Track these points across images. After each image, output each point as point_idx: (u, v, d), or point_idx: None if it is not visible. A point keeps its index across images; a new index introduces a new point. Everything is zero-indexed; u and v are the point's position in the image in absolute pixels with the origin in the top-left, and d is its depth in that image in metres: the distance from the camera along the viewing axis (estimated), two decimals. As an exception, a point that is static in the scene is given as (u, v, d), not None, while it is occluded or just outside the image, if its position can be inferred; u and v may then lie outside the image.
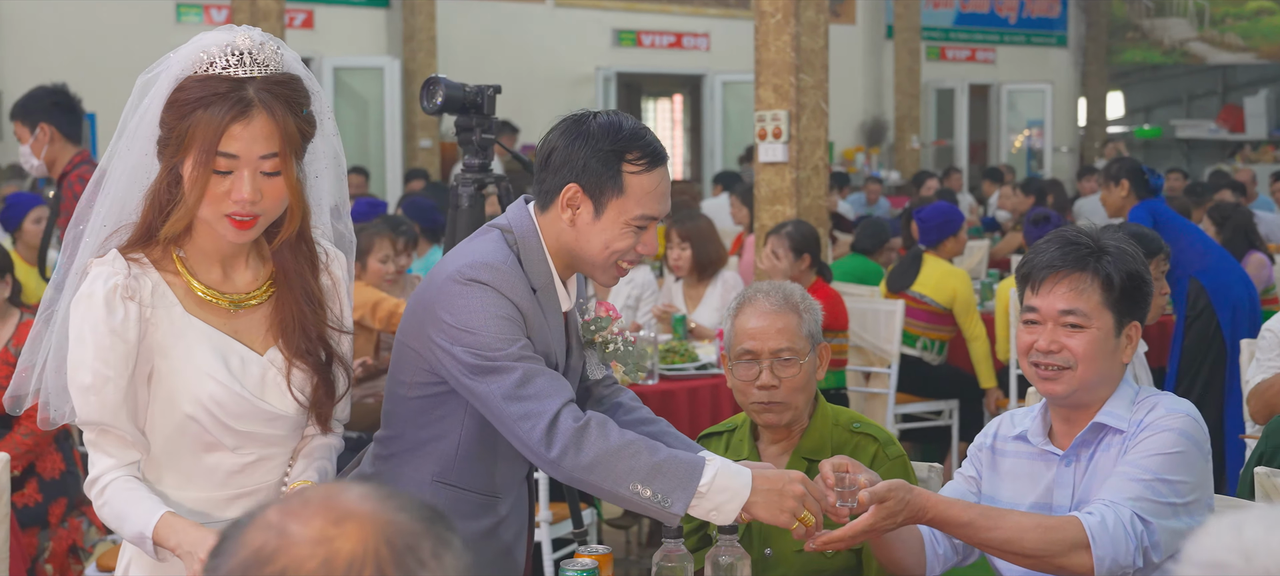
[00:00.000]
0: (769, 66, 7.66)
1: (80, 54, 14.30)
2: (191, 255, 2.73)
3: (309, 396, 2.79)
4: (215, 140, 2.59)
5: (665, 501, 2.71)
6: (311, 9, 16.09)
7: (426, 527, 1.39)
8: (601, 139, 2.86)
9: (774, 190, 7.68)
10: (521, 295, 2.85)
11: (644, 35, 18.61)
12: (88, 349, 2.62)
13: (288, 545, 1.34)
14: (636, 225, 2.87)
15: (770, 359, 3.31)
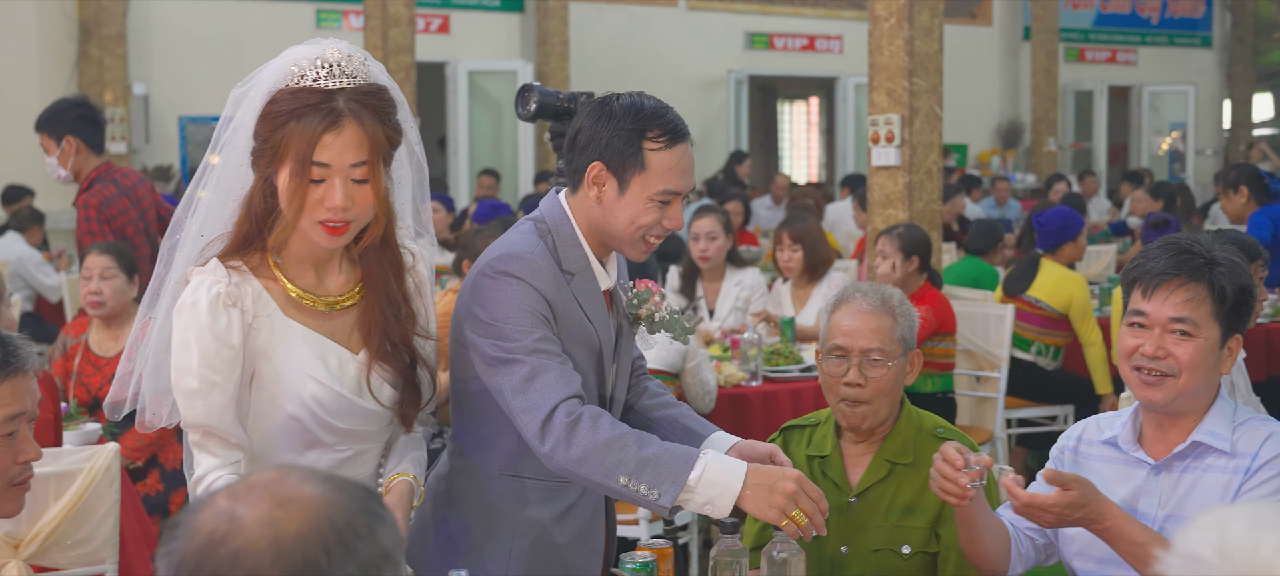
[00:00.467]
0: (882, 71, 7.69)
1: (222, 58, 14.70)
2: (287, 261, 2.85)
3: (393, 398, 2.91)
4: (309, 150, 2.70)
5: (654, 494, 2.75)
6: (447, 14, 16.38)
7: (362, 506, 1.53)
8: (624, 118, 2.94)
9: (886, 194, 7.71)
10: (550, 284, 2.93)
11: (777, 38, 18.63)
12: (193, 355, 2.74)
13: (238, 528, 1.48)
14: (660, 200, 2.94)
15: (860, 357, 3.34)
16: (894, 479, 3.37)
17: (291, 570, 1.47)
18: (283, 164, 2.73)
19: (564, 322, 2.96)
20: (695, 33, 17.87)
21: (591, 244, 3.03)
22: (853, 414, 3.38)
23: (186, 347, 2.75)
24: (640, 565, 2.91)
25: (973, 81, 19.56)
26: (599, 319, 3.04)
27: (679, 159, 2.95)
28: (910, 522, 3.33)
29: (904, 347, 3.40)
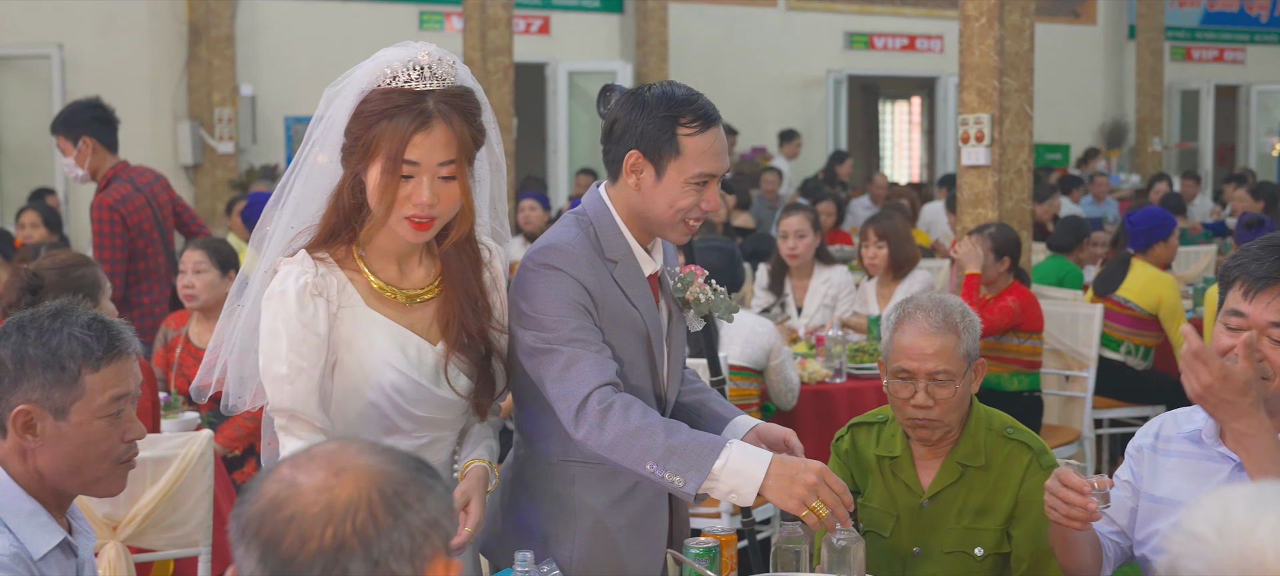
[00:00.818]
0: (972, 70, 7.69)
1: (326, 59, 14.94)
2: (371, 254, 2.97)
3: (469, 387, 3.03)
4: (400, 148, 2.82)
5: (679, 481, 2.83)
6: (547, 15, 16.55)
7: (412, 476, 1.65)
8: (657, 106, 3.02)
9: (976, 193, 7.71)
10: (589, 273, 3.01)
11: (877, 37, 18.60)
12: (282, 342, 2.87)
13: (296, 494, 1.62)
14: (696, 182, 3.01)
15: (926, 380, 3.32)
16: (966, 481, 3.37)
17: (341, 534, 1.59)
18: (373, 161, 2.85)
19: (607, 309, 3.04)
20: (794, 33, 17.89)
21: (633, 231, 3.11)
22: (922, 431, 3.39)
23: (275, 335, 2.87)
24: (703, 550, 2.99)
25: (1076, 81, 19.39)
26: (644, 303, 3.11)
27: (712, 142, 3.02)
28: (983, 524, 3.34)
29: (969, 361, 3.38)
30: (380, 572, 1.60)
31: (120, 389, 2.56)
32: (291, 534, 1.60)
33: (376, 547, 1.60)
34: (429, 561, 1.65)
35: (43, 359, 2.50)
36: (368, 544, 1.60)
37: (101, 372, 2.53)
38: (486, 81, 12.01)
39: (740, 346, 5.78)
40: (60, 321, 2.54)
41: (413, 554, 1.62)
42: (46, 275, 4.15)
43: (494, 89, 12.10)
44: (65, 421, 2.52)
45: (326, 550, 1.59)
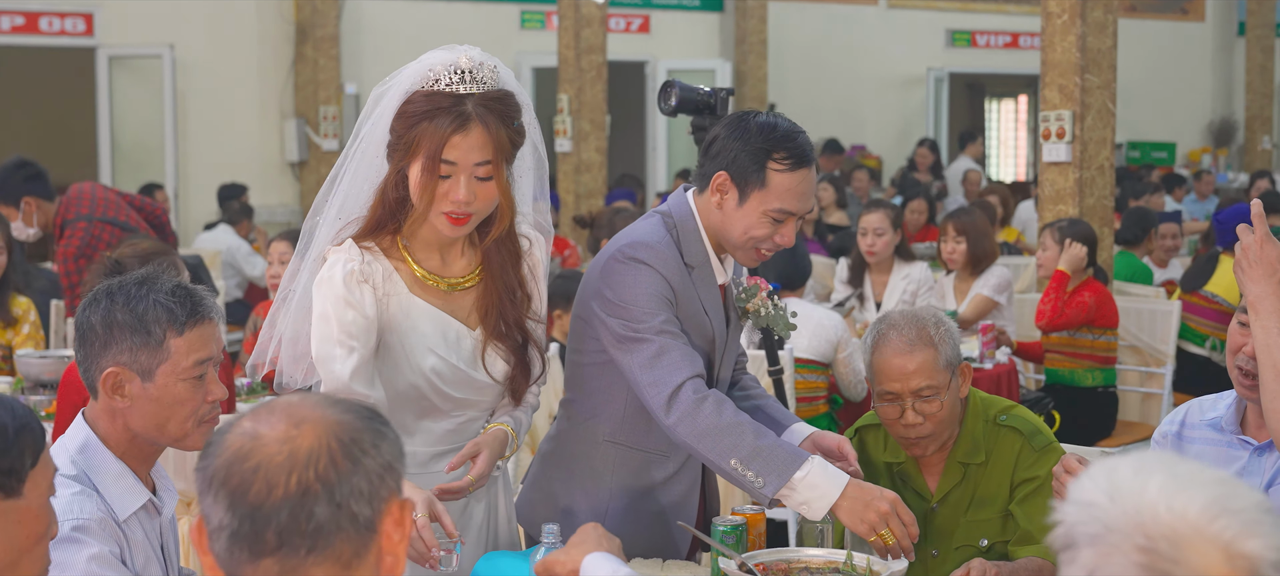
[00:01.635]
0: (1054, 67, 7.70)
1: (431, 59, 15.24)
2: (414, 244, 3.12)
3: (506, 373, 3.16)
4: (438, 148, 2.97)
5: (759, 482, 2.95)
6: (647, 13, 16.68)
7: (366, 424, 1.80)
8: (756, 136, 3.16)
9: (1057, 190, 7.72)
10: (674, 272, 3.16)
11: (979, 35, 18.50)
12: (332, 325, 3.01)
13: (259, 445, 1.76)
14: (774, 217, 3.15)
15: (912, 398, 3.29)
16: (969, 479, 3.37)
17: (305, 480, 1.73)
18: (415, 159, 3.00)
19: (684, 311, 3.18)
20: (895, 30, 17.85)
21: (711, 242, 3.26)
22: (916, 449, 3.38)
23: (326, 318, 3.02)
24: (730, 528, 3.09)
25: (1184, 79, 19.14)
26: (715, 311, 3.26)
27: (798, 182, 3.15)
28: (983, 515, 3.35)
29: (952, 370, 3.33)
30: (343, 514, 1.74)
31: (203, 353, 2.73)
32: (258, 481, 1.73)
33: (339, 491, 1.74)
34: (386, 502, 1.78)
35: (130, 323, 2.68)
36: (330, 488, 1.73)
37: (185, 336, 2.70)
38: (580, 79, 12.16)
39: (808, 339, 5.86)
40: (146, 288, 2.72)
41: (371, 495, 1.76)
42: (128, 262, 4.35)
43: (588, 87, 12.23)
44: (151, 383, 2.68)
45: (293, 495, 1.73)
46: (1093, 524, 1.57)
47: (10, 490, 2.11)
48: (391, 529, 1.80)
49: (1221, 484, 1.57)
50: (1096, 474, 1.61)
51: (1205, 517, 1.53)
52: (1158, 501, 1.54)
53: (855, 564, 2.80)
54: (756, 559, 2.84)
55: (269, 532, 1.73)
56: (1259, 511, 1.55)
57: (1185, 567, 1.51)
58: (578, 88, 12.14)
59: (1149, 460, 1.61)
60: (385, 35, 15.03)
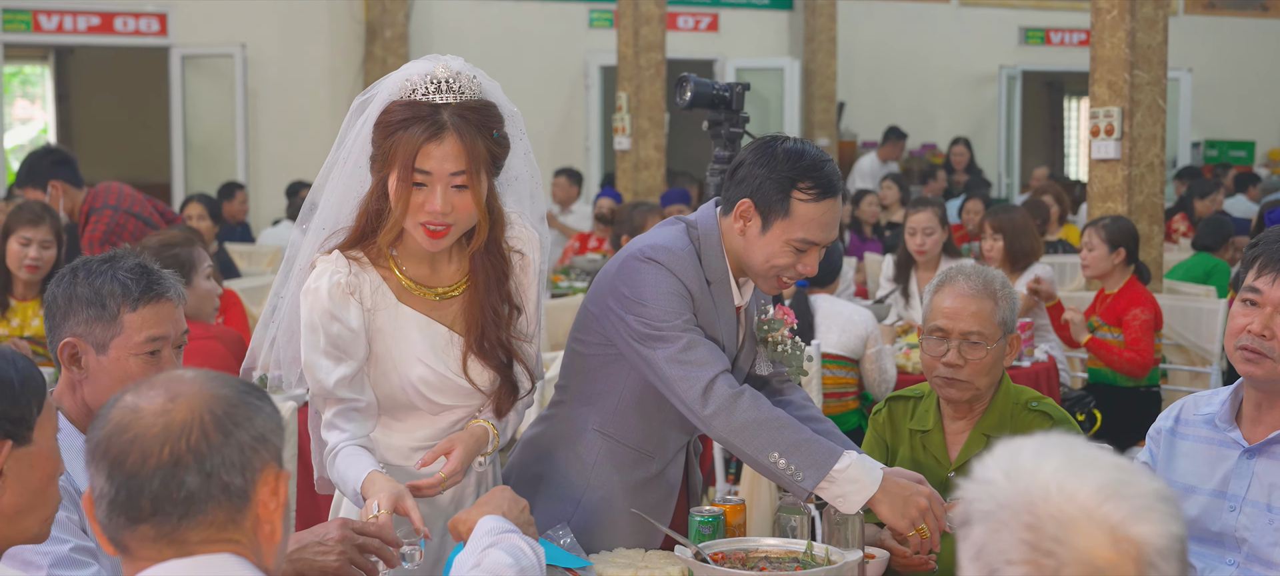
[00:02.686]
0: (1103, 63, 7.63)
1: (499, 57, 15.34)
2: (402, 253, 3.12)
3: (490, 385, 3.15)
4: (412, 158, 2.96)
5: (798, 476, 2.97)
6: (716, 12, 16.68)
7: (240, 398, 1.91)
8: (782, 164, 3.15)
9: (1106, 187, 7.65)
10: (692, 280, 3.17)
11: (1053, 32, 18.31)
12: (319, 335, 3.03)
13: (137, 418, 1.87)
14: (796, 247, 3.15)
15: (959, 339, 3.43)
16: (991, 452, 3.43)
17: (177, 451, 1.85)
18: (391, 169, 2.99)
19: (701, 318, 3.19)
20: (967, 28, 17.72)
21: (731, 263, 3.26)
22: (949, 391, 3.48)
23: (314, 328, 3.04)
24: (707, 518, 3.11)
25: (1263, 76, 18.83)
26: (727, 329, 3.26)
27: (823, 213, 3.14)
28: None
29: (1004, 330, 3.47)
30: (213, 483, 1.85)
31: (157, 330, 2.84)
32: (134, 452, 1.85)
33: (209, 461, 1.85)
34: (259, 472, 1.89)
35: (88, 297, 2.81)
36: (201, 458, 1.85)
37: (139, 312, 2.82)
38: (639, 77, 12.18)
39: (837, 334, 5.85)
40: (108, 265, 2.85)
41: (243, 466, 1.87)
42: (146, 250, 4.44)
43: (646, 84, 12.25)
44: (105, 356, 2.81)
45: (165, 465, 1.84)
46: (987, 501, 1.58)
47: (22, 438, 2.21)
48: (267, 497, 1.90)
49: (1119, 470, 1.57)
50: (1000, 454, 1.61)
51: (1094, 500, 1.53)
52: (1050, 482, 1.55)
53: (815, 553, 2.80)
54: (713, 548, 2.85)
55: (144, 500, 1.85)
56: (1153, 498, 1.55)
57: (1070, 548, 1.51)
58: (636, 85, 12.16)
59: (1052, 443, 1.61)
60: (454, 34, 15.15)
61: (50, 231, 5.86)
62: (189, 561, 1.86)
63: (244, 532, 1.89)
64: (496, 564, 2.38)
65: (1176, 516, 1.55)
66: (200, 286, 4.74)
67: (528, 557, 2.44)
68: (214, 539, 1.87)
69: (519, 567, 2.39)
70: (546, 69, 15.71)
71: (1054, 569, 1.51)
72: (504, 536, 2.49)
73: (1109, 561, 1.51)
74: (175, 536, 1.86)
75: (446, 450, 3.03)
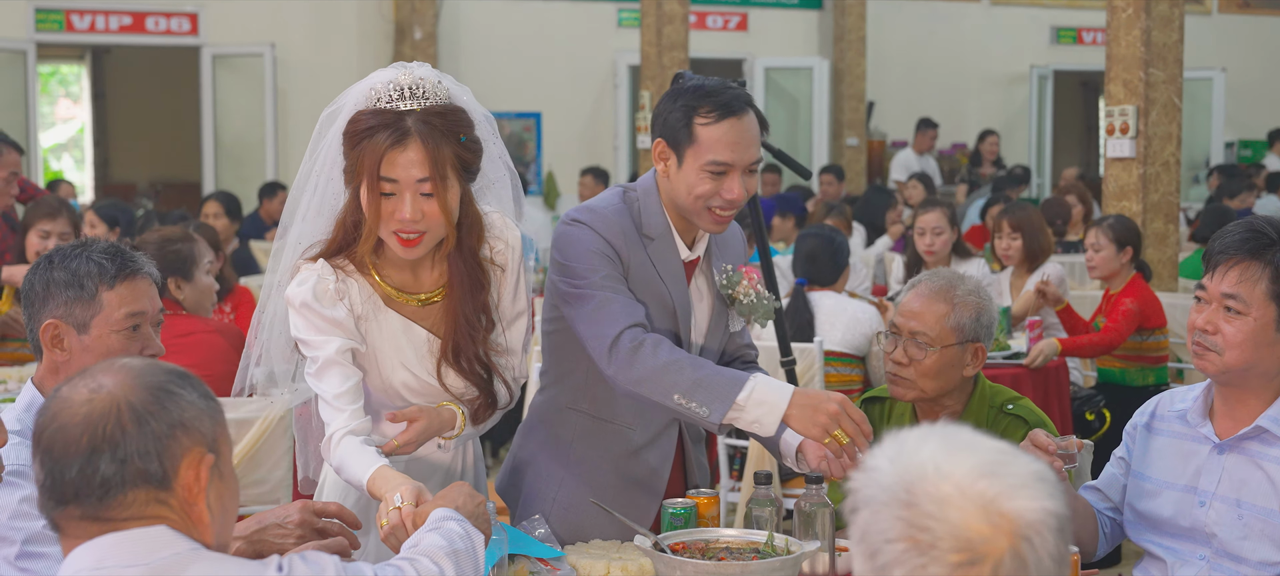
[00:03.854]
0: (1119, 61, 7.61)
1: (527, 58, 15.43)
2: (383, 261, 3.13)
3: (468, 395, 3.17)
4: (377, 165, 2.96)
5: (705, 411, 2.97)
6: (746, 11, 16.70)
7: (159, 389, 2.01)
8: (682, 98, 3.19)
9: (1121, 186, 7.63)
10: (618, 235, 3.18)
11: (1086, 32, 18.23)
12: (309, 318, 3.05)
13: (64, 408, 2.00)
14: (710, 171, 3.13)
15: (907, 338, 3.45)
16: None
17: (94, 440, 1.97)
18: (361, 178, 2.99)
19: (636, 278, 3.21)
20: (998, 27, 17.68)
21: (673, 218, 3.27)
22: (895, 388, 3.50)
23: (298, 328, 3.07)
24: (680, 509, 3.12)
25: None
26: (675, 283, 3.26)
27: (727, 131, 3.13)
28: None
29: (959, 336, 3.43)
30: (128, 469, 1.97)
31: (135, 306, 2.95)
32: (59, 440, 1.98)
33: (122, 448, 1.96)
34: (181, 457, 2.00)
35: (65, 279, 2.92)
36: (114, 446, 1.96)
37: (117, 290, 2.93)
38: (662, 76, 12.21)
39: (842, 332, 5.86)
40: (81, 249, 2.97)
41: (160, 453, 1.98)
42: (147, 246, 4.52)
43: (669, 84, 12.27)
44: (87, 335, 2.92)
45: (83, 452, 1.97)
46: (871, 487, 1.63)
47: None
48: (190, 481, 2.01)
49: (998, 453, 1.62)
50: (888, 443, 1.66)
51: (969, 478, 1.57)
52: (927, 463, 1.60)
53: (775, 544, 2.82)
54: (672, 538, 2.87)
55: (66, 485, 1.98)
56: (1029, 477, 1.59)
57: (944, 524, 1.56)
58: (659, 85, 12.19)
59: (935, 430, 1.66)
60: (483, 34, 15.22)
61: (68, 223, 5.96)
62: (118, 535, 1.97)
63: (173, 509, 2.00)
64: (430, 545, 2.43)
65: (1053, 495, 1.58)
66: (200, 281, 4.80)
67: (463, 542, 2.48)
68: (140, 515, 1.98)
69: (451, 549, 2.43)
70: (575, 68, 15.76)
71: (929, 543, 1.56)
72: (443, 522, 2.53)
73: (982, 535, 1.55)
74: (99, 515, 1.97)
75: (410, 418, 3.04)
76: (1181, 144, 7.70)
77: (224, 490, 2.07)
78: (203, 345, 4.60)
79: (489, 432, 3.41)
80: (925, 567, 1.56)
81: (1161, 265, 7.62)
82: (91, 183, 17.63)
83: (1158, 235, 7.66)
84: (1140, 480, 3.22)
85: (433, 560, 2.39)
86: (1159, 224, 7.60)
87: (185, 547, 1.99)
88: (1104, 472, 3.35)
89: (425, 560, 2.38)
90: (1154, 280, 7.31)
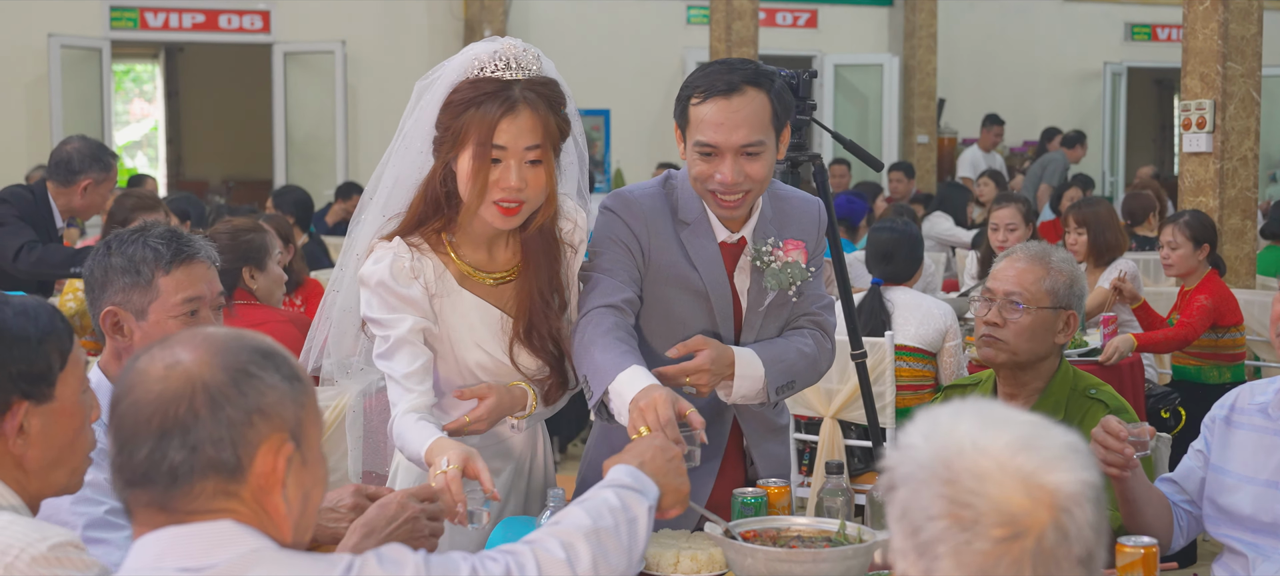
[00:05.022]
0: (1195, 54, 7.51)
1: (597, 53, 15.43)
2: (460, 239, 3.13)
3: (540, 374, 3.18)
4: (489, 133, 2.97)
5: (589, 395, 2.99)
6: (815, 8, 16.63)
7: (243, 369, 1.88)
8: (686, 83, 3.17)
9: (1197, 181, 7.53)
10: (643, 223, 3.19)
11: (1160, 28, 18.03)
12: (382, 298, 3.05)
13: (140, 381, 1.88)
14: (700, 152, 3.11)
15: (1002, 299, 3.48)
16: None
17: (165, 422, 1.84)
18: (463, 148, 2.99)
19: (661, 262, 3.20)
20: (1071, 24, 17.51)
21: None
22: (987, 351, 3.51)
23: (373, 297, 3.07)
24: (751, 499, 3.10)
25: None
26: (708, 267, 3.23)
27: (713, 112, 3.07)
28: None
29: (1053, 300, 3.46)
30: (198, 457, 1.83)
31: (191, 291, 2.94)
32: (130, 418, 1.86)
33: (193, 435, 1.83)
34: (257, 445, 1.86)
35: (123, 266, 2.91)
36: (185, 431, 1.84)
37: (173, 275, 2.92)
38: (731, 73, 12.18)
39: (915, 327, 5.81)
40: (139, 235, 2.95)
41: (234, 441, 1.84)
42: (220, 237, 4.54)
43: (739, 80, 12.25)
44: (145, 321, 2.91)
45: (153, 433, 1.84)
46: (908, 464, 1.63)
47: (42, 396, 2.24)
48: (266, 470, 1.87)
49: (1031, 426, 1.62)
50: (920, 420, 1.67)
51: (1007, 453, 1.58)
52: (964, 439, 1.60)
53: (847, 532, 2.79)
54: (744, 526, 2.84)
55: (135, 466, 1.86)
56: (1064, 449, 1.60)
57: (986, 499, 1.56)
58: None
59: (968, 406, 1.66)
60: (553, 30, 15.25)
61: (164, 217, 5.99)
62: (182, 529, 1.85)
63: (243, 502, 1.87)
64: (570, 523, 2.21)
65: (1088, 466, 1.60)
66: (272, 271, 4.83)
67: (612, 517, 2.25)
68: (206, 509, 1.85)
69: (593, 528, 2.21)
70: (644, 65, 15.77)
71: (972, 519, 1.57)
72: (600, 491, 2.33)
73: (1023, 508, 1.56)
74: (167, 504, 1.85)
75: (481, 395, 3.05)
76: (1259, 139, 7.58)
77: (306, 477, 1.92)
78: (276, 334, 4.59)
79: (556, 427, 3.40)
80: (970, 543, 1.57)
81: (1238, 261, 7.51)
82: (164, 180, 17.81)
83: (1234, 231, 7.55)
84: (1220, 474, 3.17)
85: (564, 544, 2.15)
86: (1236, 220, 7.49)
87: (249, 547, 1.85)
88: (1181, 465, 3.31)
89: (553, 544, 2.15)
90: (1230, 276, 7.21)
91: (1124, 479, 3.07)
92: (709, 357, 3.08)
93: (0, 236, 5.92)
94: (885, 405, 5.52)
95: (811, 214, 3.40)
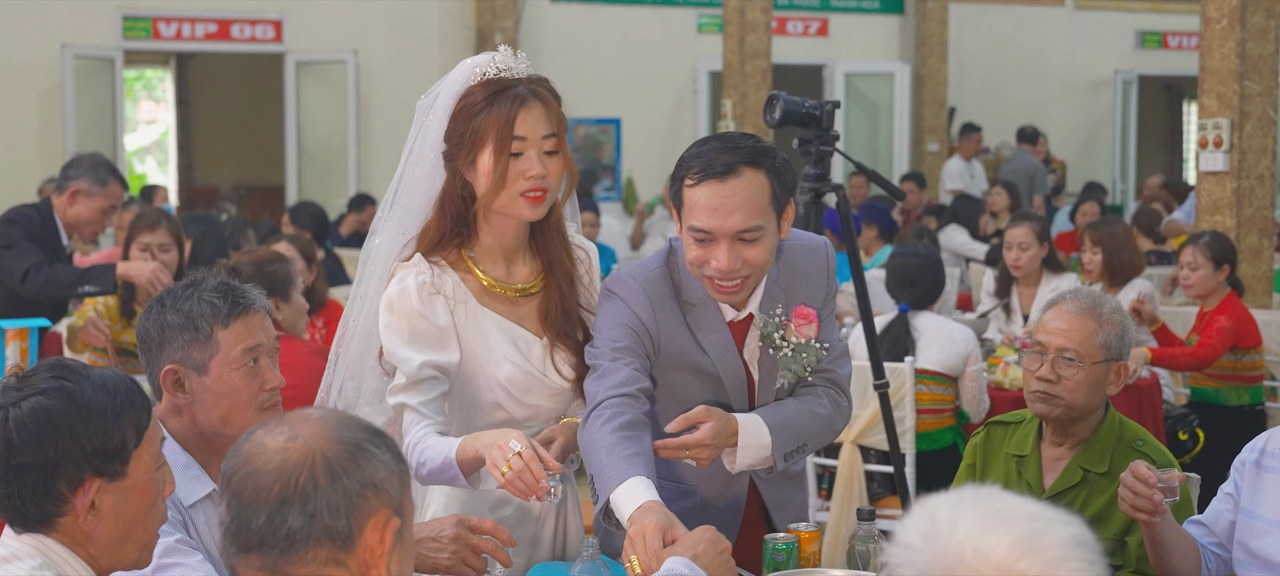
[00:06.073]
0: (1213, 73, 7.50)
1: (608, 62, 15.44)
2: (479, 254, 3.18)
3: (575, 373, 3.20)
4: (508, 127, 3.04)
5: (595, 500, 2.96)
6: (826, 17, 16.62)
7: (358, 443, 1.97)
8: (681, 161, 3.09)
9: (1214, 200, 7.52)
10: (646, 306, 3.12)
11: (1171, 36, 18.02)
12: (403, 329, 3.08)
13: (259, 452, 1.96)
14: (694, 237, 3.03)
15: (1055, 355, 3.42)
16: (1086, 486, 3.40)
17: (285, 491, 1.93)
18: (482, 149, 3.06)
19: (669, 347, 3.14)
20: (1082, 32, 17.50)
21: None
22: (1040, 406, 3.46)
23: (397, 326, 3.08)
24: (783, 546, 3.10)
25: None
26: (718, 349, 3.16)
27: (702, 195, 2.99)
28: (1098, 532, 3.33)
29: (1106, 354, 3.42)
30: (315, 524, 1.93)
31: (251, 341, 2.92)
32: (249, 486, 1.94)
33: (313, 503, 1.93)
34: (367, 518, 1.96)
35: (180, 323, 2.89)
36: (305, 499, 1.93)
37: (231, 328, 2.89)
38: (744, 84, 12.19)
39: (937, 351, 5.80)
40: (192, 289, 2.93)
41: (348, 511, 1.94)
42: (244, 268, 4.56)
43: (751, 93, 12.25)
44: (207, 376, 2.88)
45: (273, 501, 1.93)
46: (908, 567, 1.61)
47: (115, 474, 2.25)
48: (374, 543, 1.96)
49: (1034, 520, 1.60)
50: (918, 514, 1.64)
51: (1010, 558, 1.56)
52: (965, 543, 1.57)
53: (884, 586, 2.80)
54: (781, 577, 2.86)
55: (251, 532, 1.93)
56: (1068, 547, 1.58)
57: None
58: (742, 93, 12.17)
59: (966, 499, 1.64)
60: (564, 38, 15.25)
61: (168, 233, 6.00)
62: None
63: (350, 571, 1.95)
64: None
65: (1093, 560, 1.58)
66: (296, 301, 4.84)
67: None
68: (317, 575, 1.94)
69: None
70: (655, 74, 15.77)
71: None
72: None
73: None
74: (279, 569, 1.93)
75: (548, 440, 3.08)
76: (1277, 158, 7.58)
77: (404, 554, 2.02)
78: (300, 366, 4.62)
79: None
80: None
81: (1255, 281, 7.50)
82: (175, 185, 17.83)
83: (1252, 250, 7.53)
84: (1251, 519, 3.17)
85: None
86: (1253, 239, 7.48)
87: None
88: (1210, 507, 3.30)
89: None
90: (1248, 296, 7.20)
91: (1152, 524, 3.07)
92: (711, 431, 2.99)
93: (7, 258, 5.91)
94: (905, 430, 5.53)
95: (818, 263, 3.28)
